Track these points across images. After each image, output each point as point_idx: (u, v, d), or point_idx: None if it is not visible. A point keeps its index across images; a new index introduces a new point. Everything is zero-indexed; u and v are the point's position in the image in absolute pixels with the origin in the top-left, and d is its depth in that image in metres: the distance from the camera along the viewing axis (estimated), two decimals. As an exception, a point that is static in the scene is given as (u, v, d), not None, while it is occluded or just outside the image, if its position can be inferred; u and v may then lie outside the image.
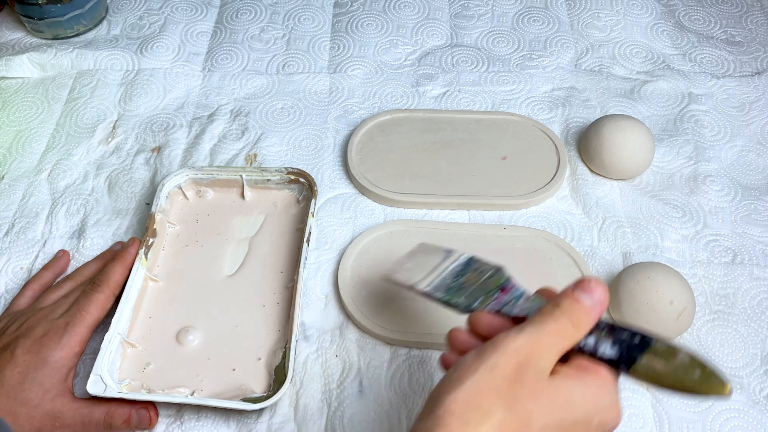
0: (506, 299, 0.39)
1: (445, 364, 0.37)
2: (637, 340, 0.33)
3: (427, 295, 0.44)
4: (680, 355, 0.32)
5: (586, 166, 0.63)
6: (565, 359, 0.34)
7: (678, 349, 0.32)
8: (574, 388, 0.32)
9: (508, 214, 0.60)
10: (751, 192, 0.61)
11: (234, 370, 0.50)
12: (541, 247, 0.56)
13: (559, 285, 0.56)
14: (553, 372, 0.32)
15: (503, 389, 0.31)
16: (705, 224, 0.59)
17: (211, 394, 0.49)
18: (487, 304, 0.39)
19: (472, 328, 0.38)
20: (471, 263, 0.45)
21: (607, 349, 0.33)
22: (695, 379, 0.31)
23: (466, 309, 0.40)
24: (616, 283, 0.52)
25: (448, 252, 0.47)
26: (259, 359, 0.51)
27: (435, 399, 0.32)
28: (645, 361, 0.32)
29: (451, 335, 0.38)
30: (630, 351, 0.33)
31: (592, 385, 0.32)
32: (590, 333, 0.34)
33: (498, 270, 0.42)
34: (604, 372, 0.33)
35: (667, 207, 0.60)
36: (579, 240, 0.58)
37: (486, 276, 0.42)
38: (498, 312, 0.38)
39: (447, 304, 0.42)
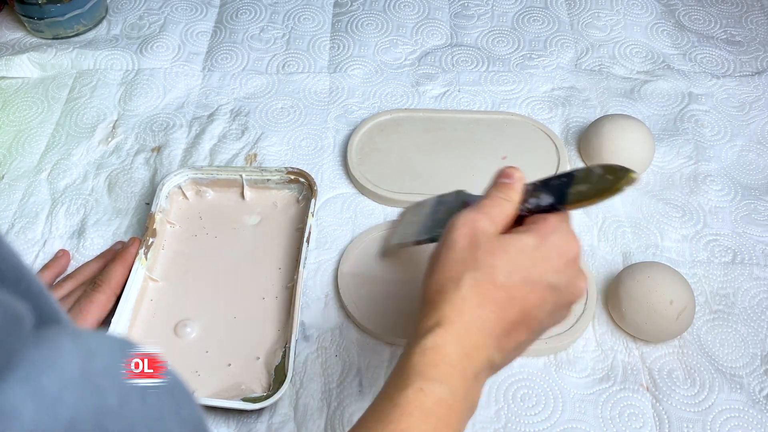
0: None
1: None
2: (564, 179, 0.38)
3: (417, 243, 0.50)
4: (595, 170, 0.37)
5: (587, 165, 0.63)
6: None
7: (592, 167, 0.37)
8: (524, 238, 0.37)
9: (508, 214, 0.60)
10: (751, 192, 0.61)
11: (230, 365, 0.50)
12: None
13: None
14: (508, 233, 0.38)
15: (464, 257, 0.37)
16: (705, 224, 0.59)
17: (211, 393, 0.49)
18: None
19: None
20: (439, 200, 0.51)
21: (544, 199, 0.38)
22: (611, 180, 0.36)
23: None
24: (616, 283, 0.52)
25: (430, 199, 0.52)
26: (259, 358, 0.51)
27: (421, 290, 0.38)
28: (573, 190, 0.37)
29: None
30: (561, 190, 0.38)
31: (541, 230, 0.37)
32: (528, 199, 0.39)
33: (458, 193, 0.48)
34: (550, 218, 0.38)
35: (667, 207, 0.60)
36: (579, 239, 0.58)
37: (451, 204, 0.47)
38: None
39: (433, 240, 0.46)
